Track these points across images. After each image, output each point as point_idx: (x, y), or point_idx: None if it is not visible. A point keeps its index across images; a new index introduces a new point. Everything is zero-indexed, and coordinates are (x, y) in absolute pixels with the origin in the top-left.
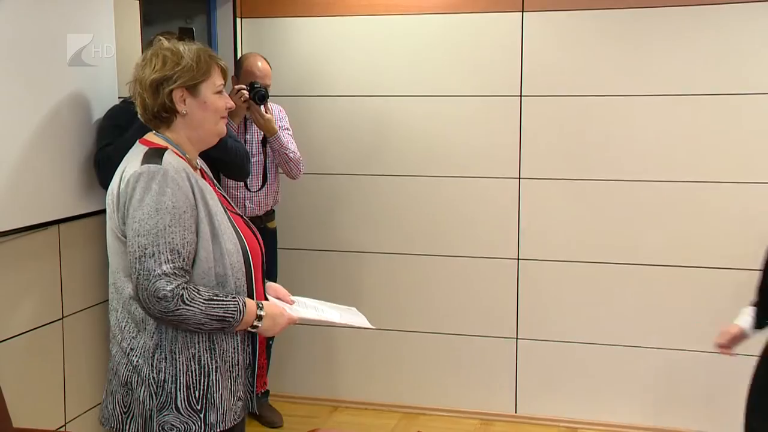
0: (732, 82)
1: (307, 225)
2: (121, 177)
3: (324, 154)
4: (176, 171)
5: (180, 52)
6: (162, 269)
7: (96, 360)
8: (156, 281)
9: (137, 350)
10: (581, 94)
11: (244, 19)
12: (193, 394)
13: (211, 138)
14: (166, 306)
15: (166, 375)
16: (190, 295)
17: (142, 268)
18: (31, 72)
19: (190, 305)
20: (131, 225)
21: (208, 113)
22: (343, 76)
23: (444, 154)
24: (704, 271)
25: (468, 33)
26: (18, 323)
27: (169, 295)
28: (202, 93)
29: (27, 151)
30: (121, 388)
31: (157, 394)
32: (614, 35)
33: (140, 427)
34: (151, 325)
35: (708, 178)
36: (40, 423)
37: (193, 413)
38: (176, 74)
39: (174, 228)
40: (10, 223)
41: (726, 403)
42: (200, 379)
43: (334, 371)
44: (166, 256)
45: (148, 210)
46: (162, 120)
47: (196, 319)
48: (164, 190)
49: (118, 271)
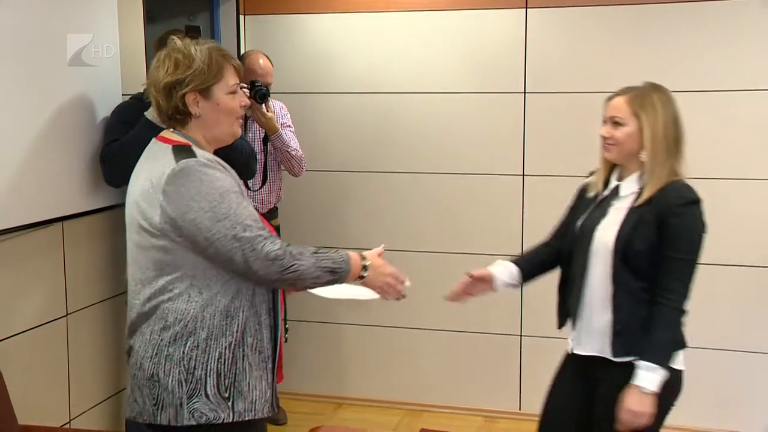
0: (743, 78)
1: (310, 222)
2: (151, 176)
3: (327, 151)
4: (211, 161)
5: (191, 54)
6: (260, 234)
7: (100, 357)
8: (262, 247)
9: (166, 340)
10: (585, 90)
11: (247, 16)
12: (223, 382)
13: (227, 138)
14: (282, 263)
15: (196, 362)
16: (298, 250)
17: (243, 243)
18: (35, 71)
19: (301, 259)
20: (203, 216)
21: (222, 114)
22: (346, 72)
23: (448, 151)
24: (714, 268)
25: (472, 29)
26: (22, 320)
27: (280, 252)
28: (215, 95)
29: (30, 149)
30: (148, 381)
31: (187, 381)
32: (618, 31)
33: (171, 417)
34: (181, 315)
35: (718, 175)
36: (44, 420)
37: (222, 401)
38: (188, 78)
39: (241, 203)
40: (14, 221)
41: (739, 400)
42: (230, 367)
43: (339, 368)
44: (252, 227)
45: (213, 197)
46: (176, 121)
47: (310, 272)
48: (215, 176)
49: (143, 268)
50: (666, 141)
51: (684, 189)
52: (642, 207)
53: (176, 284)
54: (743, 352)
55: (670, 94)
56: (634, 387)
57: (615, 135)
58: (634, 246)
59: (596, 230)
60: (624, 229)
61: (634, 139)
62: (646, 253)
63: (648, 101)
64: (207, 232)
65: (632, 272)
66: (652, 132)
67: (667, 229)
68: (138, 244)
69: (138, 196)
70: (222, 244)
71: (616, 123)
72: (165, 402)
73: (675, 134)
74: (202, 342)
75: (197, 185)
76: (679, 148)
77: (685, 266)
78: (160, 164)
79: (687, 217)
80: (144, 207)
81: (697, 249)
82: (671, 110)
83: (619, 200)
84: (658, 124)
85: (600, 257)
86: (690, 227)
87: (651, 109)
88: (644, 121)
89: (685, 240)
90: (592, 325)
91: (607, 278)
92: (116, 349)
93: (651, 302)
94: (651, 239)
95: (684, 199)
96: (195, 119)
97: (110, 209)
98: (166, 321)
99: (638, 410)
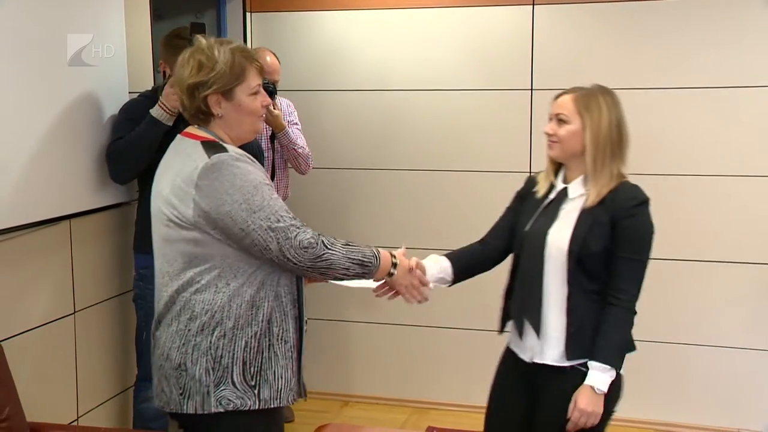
0: (753, 74)
1: (318, 219)
2: (182, 170)
3: (335, 149)
4: (241, 155)
5: (214, 57)
6: (293, 224)
7: (108, 354)
8: (296, 235)
9: (194, 330)
10: None
11: (254, 14)
12: (249, 370)
13: (249, 136)
14: (314, 252)
15: (223, 351)
16: (330, 240)
17: (278, 233)
18: (40, 70)
19: (333, 249)
20: (239, 209)
21: (244, 115)
22: (353, 70)
23: (454, 148)
24: (716, 265)
25: (479, 26)
26: (30, 318)
27: (313, 240)
28: (236, 96)
29: (37, 147)
30: (175, 370)
31: (214, 370)
32: (624, 28)
33: (198, 405)
34: (209, 305)
35: (721, 172)
36: (52, 417)
37: (248, 388)
38: (210, 80)
39: (272, 195)
40: (22, 219)
41: (740, 397)
42: (256, 356)
43: (346, 366)
44: (287, 217)
45: (247, 190)
46: (200, 119)
47: (341, 263)
48: (248, 169)
49: (171, 261)
50: (609, 143)
51: (635, 190)
52: (594, 209)
53: (204, 276)
54: (744, 350)
55: (617, 98)
56: (587, 387)
57: (558, 132)
58: (589, 248)
59: (548, 234)
60: (578, 232)
61: (577, 137)
62: (600, 255)
63: (594, 102)
64: (243, 223)
65: (586, 274)
66: (595, 133)
67: (621, 230)
68: (166, 237)
69: (167, 192)
70: (258, 234)
71: (560, 120)
72: (192, 391)
73: (618, 137)
74: (228, 331)
75: (231, 179)
76: (622, 151)
77: (638, 267)
78: (191, 159)
79: (639, 218)
80: (175, 202)
81: (648, 249)
82: (616, 113)
83: (568, 203)
84: (601, 125)
85: (553, 261)
86: (642, 228)
87: (596, 109)
88: (587, 120)
89: (638, 241)
90: (548, 330)
91: (561, 281)
92: (124, 347)
93: (602, 303)
94: (605, 241)
95: (636, 200)
96: (218, 119)
97: (117, 207)
98: (194, 312)
99: (590, 410)
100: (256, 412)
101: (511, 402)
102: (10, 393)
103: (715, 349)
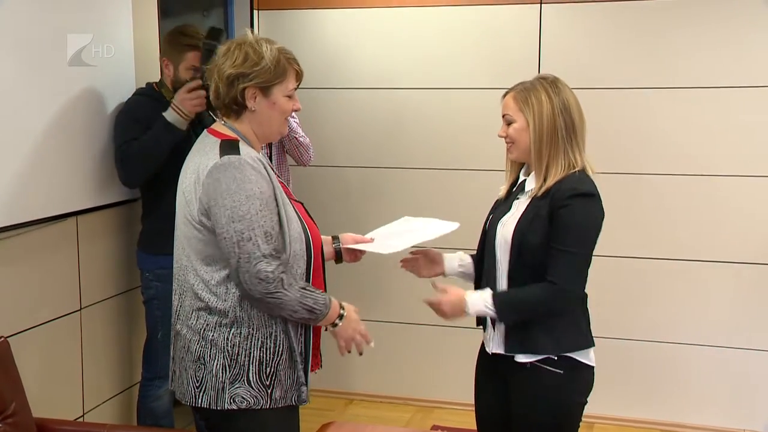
0: (753, 74)
1: (322, 218)
2: (198, 168)
3: (340, 147)
4: (254, 160)
5: (261, 52)
6: (261, 251)
7: (113, 351)
8: (257, 263)
9: (212, 325)
10: (599, 86)
11: (261, 11)
12: (264, 370)
13: (275, 136)
14: (267, 287)
15: (239, 349)
16: (289, 281)
17: (242, 252)
18: (44, 68)
19: (288, 290)
20: (222, 213)
21: (275, 113)
22: (359, 68)
23: (461, 146)
24: (717, 265)
25: (486, 25)
26: (36, 315)
27: (271, 276)
28: (273, 94)
29: (43, 144)
30: (194, 363)
31: (231, 367)
32: (632, 27)
33: (212, 400)
34: (223, 303)
35: (721, 171)
36: (58, 413)
37: (262, 388)
38: (253, 73)
39: (264, 212)
40: (28, 215)
41: (742, 397)
42: (272, 356)
43: (350, 364)
44: (262, 239)
45: (239, 197)
46: (231, 110)
47: (291, 305)
48: (249, 178)
49: (189, 256)
50: (555, 132)
51: (577, 181)
52: (540, 201)
53: (214, 276)
54: (745, 350)
55: (562, 84)
56: (462, 299)
57: (509, 133)
58: (528, 240)
59: (498, 225)
60: (521, 223)
61: (524, 134)
62: (540, 247)
63: (533, 94)
64: (220, 227)
65: (528, 267)
66: (537, 125)
67: (555, 221)
68: (184, 234)
69: (186, 188)
70: (226, 243)
71: (508, 121)
72: (208, 385)
73: (566, 124)
74: (244, 330)
75: (229, 182)
76: (575, 138)
77: (570, 260)
78: (207, 158)
79: (574, 209)
80: (189, 198)
81: (584, 243)
82: (561, 100)
83: (524, 195)
84: (542, 116)
85: (502, 252)
86: (577, 220)
87: (536, 101)
88: (528, 115)
89: (571, 233)
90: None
91: (507, 273)
92: (129, 344)
93: None
94: (544, 233)
95: (574, 191)
96: (249, 113)
97: (124, 204)
98: (210, 309)
99: (446, 310)
100: (267, 411)
101: (486, 401)
102: (17, 389)
103: (715, 349)
